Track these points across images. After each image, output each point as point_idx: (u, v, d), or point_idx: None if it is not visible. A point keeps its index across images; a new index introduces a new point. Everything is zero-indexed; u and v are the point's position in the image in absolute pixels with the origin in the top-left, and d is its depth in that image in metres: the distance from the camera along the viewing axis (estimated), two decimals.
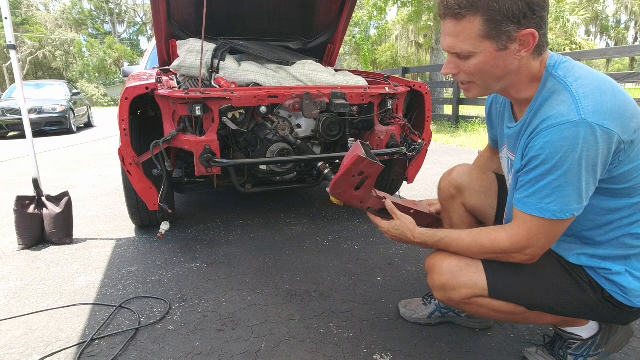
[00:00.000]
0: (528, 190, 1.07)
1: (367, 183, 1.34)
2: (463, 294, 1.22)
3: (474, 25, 1.01)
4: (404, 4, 12.74)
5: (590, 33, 32.28)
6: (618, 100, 0.99)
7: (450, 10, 1.03)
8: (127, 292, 1.99)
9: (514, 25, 0.99)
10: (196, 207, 3.44)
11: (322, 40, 3.44)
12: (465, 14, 1.01)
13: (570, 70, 1.06)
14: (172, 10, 2.82)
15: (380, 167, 1.31)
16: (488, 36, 1.02)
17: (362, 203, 1.40)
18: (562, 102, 1.01)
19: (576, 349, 1.31)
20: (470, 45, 1.04)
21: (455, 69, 1.11)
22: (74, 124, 11.44)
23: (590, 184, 1.01)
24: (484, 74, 1.09)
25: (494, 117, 1.42)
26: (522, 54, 1.04)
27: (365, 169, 1.29)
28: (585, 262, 1.16)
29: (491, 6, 0.98)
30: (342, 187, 1.34)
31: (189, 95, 2.06)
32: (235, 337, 1.60)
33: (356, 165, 1.28)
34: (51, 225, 2.62)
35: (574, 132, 0.96)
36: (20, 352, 1.54)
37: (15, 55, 2.57)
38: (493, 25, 1.00)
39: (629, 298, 1.12)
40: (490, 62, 1.06)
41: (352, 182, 1.32)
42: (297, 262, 2.28)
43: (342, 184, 1.33)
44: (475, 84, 1.13)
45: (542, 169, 1.02)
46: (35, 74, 37.98)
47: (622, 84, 9.35)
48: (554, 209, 1.03)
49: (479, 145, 6.54)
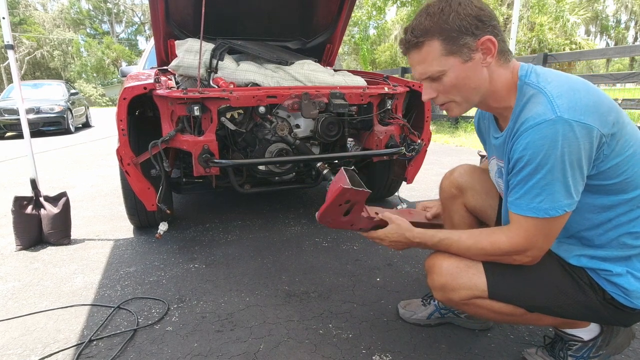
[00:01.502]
0: (518, 192, 1.09)
1: (355, 208, 1.32)
2: (463, 295, 1.22)
3: (434, 48, 1.10)
4: (403, 4, 12.77)
5: (590, 33, 32.34)
6: (592, 97, 1.03)
7: (409, 43, 1.13)
8: (125, 292, 1.98)
9: (470, 37, 1.08)
10: (195, 207, 3.43)
11: (321, 40, 3.44)
12: (423, 41, 1.10)
13: (542, 75, 1.10)
14: (171, 10, 2.81)
15: (367, 193, 1.27)
16: (450, 52, 1.09)
17: (353, 226, 1.38)
18: (538, 104, 1.05)
19: (577, 351, 1.30)
20: (438, 65, 1.11)
21: (432, 92, 1.18)
22: (72, 124, 11.41)
23: (577, 179, 1.03)
24: (460, 88, 1.14)
25: (483, 133, 1.45)
26: (488, 60, 1.10)
27: (352, 198, 1.27)
28: (585, 264, 1.16)
29: (443, 27, 1.07)
30: (330, 217, 1.32)
31: (188, 95, 2.05)
32: (234, 338, 1.59)
33: (341, 196, 1.25)
34: (49, 226, 2.61)
35: (552, 129, 0.99)
36: (18, 353, 1.53)
37: (13, 55, 2.56)
38: (451, 41, 1.08)
39: (631, 299, 1.12)
40: (461, 75, 1.12)
41: (340, 210, 1.30)
42: (296, 263, 2.27)
43: (329, 214, 1.31)
44: (455, 101, 1.18)
45: (527, 170, 1.05)
46: (33, 74, 37.89)
47: (622, 84, 9.36)
48: (546, 207, 1.05)
49: (478, 145, 6.53)
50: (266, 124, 2.36)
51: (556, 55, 6.98)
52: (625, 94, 12.50)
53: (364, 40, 18.53)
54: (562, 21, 18.53)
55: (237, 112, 2.27)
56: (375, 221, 1.39)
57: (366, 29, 18.80)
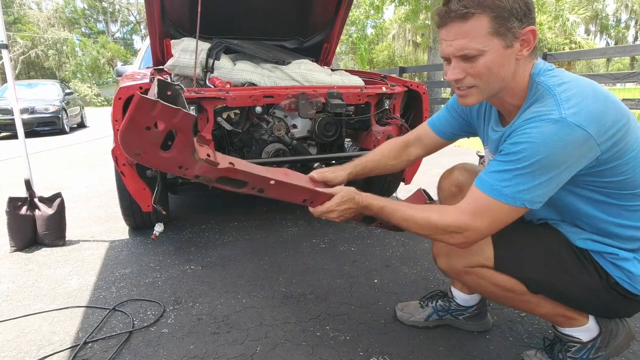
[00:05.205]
0: (490, 169, 1.09)
1: (178, 140, 1.02)
2: (468, 262, 1.21)
3: (482, 23, 1.01)
4: (401, 3, 12.76)
5: (590, 32, 32.47)
6: (599, 105, 1.01)
7: (455, 12, 1.02)
8: (120, 294, 1.96)
9: (517, 22, 1.02)
10: (190, 208, 3.42)
11: (318, 39, 3.42)
12: (473, 12, 1.00)
13: (555, 77, 1.08)
14: (166, 9, 2.79)
15: (190, 117, 0.97)
16: (496, 33, 1.02)
17: (184, 169, 1.08)
18: (546, 104, 1.04)
19: (576, 352, 1.30)
20: (481, 44, 1.03)
21: (461, 72, 1.09)
22: (67, 124, 11.34)
23: (552, 183, 1.03)
24: (491, 75, 1.07)
25: (478, 116, 1.40)
26: (523, 53, 1.06)
27: (163, 118, 0.94)
28: (591, 247, 1.16)
29: (496, 4, 1.00)
30: (136, 142, 0.98)
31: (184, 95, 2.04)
32: (230, 340, 1.58)
33: (141, 112, 0.91)
34: (44, 227, 2.58)
35: (552, 128, 0.99)
36: (12, 355, 1.52)
37: (7, 55, 2.54)
38: (500, 22, 1.01)
39: (634, 284, 1.12)
40: (498, 60, 1.05)
41: (149, 136, 0.98)
42: (292, 265, 2.26)
43: (131, 138, 0.97)
44: (478, 87, 1.11)
45: (511, 157, 1.04)
46: (27, 74, 37.67)
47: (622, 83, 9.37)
48: (507, 192, 1.04)
49: (477, 146, 6.54)
50: (263, 124, 2.35)
51: (556, 55, 6.98)
52: (625, 94, 12.56)
53: (362, 40, 18.56)
54: (562, 20, 18.61)
55: (233, 112, 2.25)
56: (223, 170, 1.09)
57: (364, 28, 18.83)
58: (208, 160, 1.08)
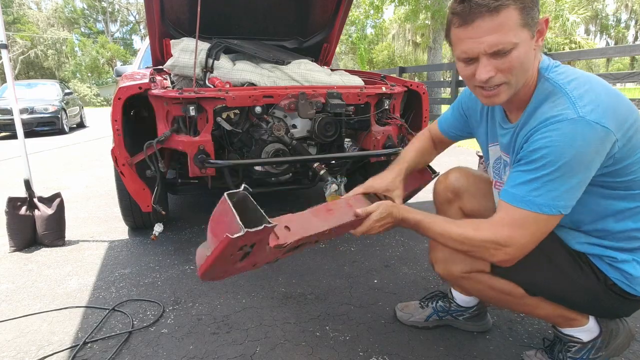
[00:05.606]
0: (516, 181, 1.05)
1: (256, 248, 1.02)
2: (465, 267, 1.20)
3: (513, 15, 0.97)
4: (401, 2, 12.74)
5: (590, 32, 32.50)
6: (612, 99, 1.01)
7: (485, 7, 0.96)
8: (120, 294, 1.96)
9: (537, 12, 0.99)
10: (190, 208, 3.41)
11: (317, 39, 3.42)
12: (506, 5, 0.96)
13: (563, 73, 1.07)
14: (166, 9, 2.79)
15: (271, 228, 0.97)
16: (525, 24, 0.98)
17: (256, 265, 1.13)
18: (559, 103, 1.02)
19: (576, 352, 1.29)
20: (514, 36, 0.98)
21: (493, 70, 1.02)
22: (66, 124, 11.33)
23: (582, 183, 1.01)
24: (522, 69, 1.02)
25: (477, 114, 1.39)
26: (539, 43, 1.04)
27: (249, 242, 0.96)
28: (588, 250, 1.15)
29: None
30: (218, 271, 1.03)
31: (183, 95, 2.04)
32: (230, 340, 1.58)
33: (231, 247, 0.93)
34: (43, 227, 2.58)
35: (572, 129, 0.97)
36: (12, 355, 1.52)
37: (6, 55, 2.54)
38: (526, 12, 0.97)
39: (633, 286, 1.12)
40: (528, 52, 1.01)
41: (232, 260, 1.01)
42: (292, 265, 2.26)
43: (217, 269, 1.01)
44: (509, 83, 1.05)
45: (536, 164, 1.02)
46: (27, 74, 37.63)
47: (622, 83, 9.35)
48: (541, 202, 1.01)
49: (476, 146, 6.54)
50: (262, 124, 2.34)
51: (556, 55, 6.95)
52: (625, 94, 12.57)
53: (362, 40, 18.54)
54: (562, 20, 18.60)
55: (233, 112, 2.25)
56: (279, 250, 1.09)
57: (364, 28, 18.83)
58: (277, 246, 1.08)
